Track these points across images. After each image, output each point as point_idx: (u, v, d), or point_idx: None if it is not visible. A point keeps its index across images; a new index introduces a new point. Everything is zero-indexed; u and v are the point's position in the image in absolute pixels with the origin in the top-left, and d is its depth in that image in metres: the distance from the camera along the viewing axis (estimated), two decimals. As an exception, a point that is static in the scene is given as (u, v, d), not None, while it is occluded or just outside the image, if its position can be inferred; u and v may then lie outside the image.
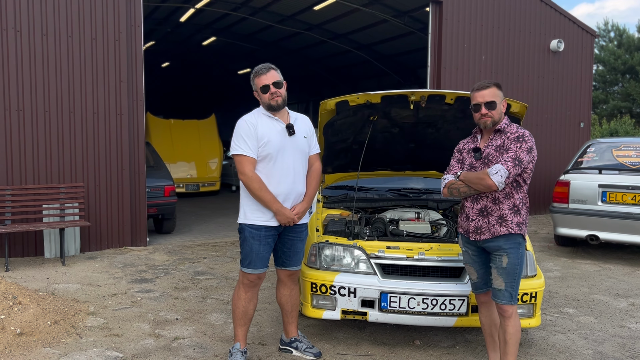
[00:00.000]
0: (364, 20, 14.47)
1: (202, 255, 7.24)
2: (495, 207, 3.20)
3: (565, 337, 4.33)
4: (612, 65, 28.14)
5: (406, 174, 5.30)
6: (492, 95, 3.22)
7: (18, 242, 6.94)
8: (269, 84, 3.51)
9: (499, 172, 3.09)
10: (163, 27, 16.98)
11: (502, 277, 3.19)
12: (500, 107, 3.25)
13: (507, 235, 3.18)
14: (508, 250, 3.18)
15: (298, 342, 3.86)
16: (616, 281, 6.10)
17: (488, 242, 3.25)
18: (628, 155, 7.14)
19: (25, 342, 3.94)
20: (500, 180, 3.09)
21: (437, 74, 10.16)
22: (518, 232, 3.18)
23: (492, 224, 3.21)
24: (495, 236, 3.20)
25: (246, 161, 3.49)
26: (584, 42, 11.92)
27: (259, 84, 3.54)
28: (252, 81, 3.61)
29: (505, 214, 3.18)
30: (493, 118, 3.22)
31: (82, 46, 7.16)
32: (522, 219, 3.21)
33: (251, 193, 3.51)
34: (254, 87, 3.60)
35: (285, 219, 3.52)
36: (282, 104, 3.56)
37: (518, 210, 3.20)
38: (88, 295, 5.26)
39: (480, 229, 3.25)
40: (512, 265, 3.18)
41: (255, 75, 3.57)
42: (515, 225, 3.18)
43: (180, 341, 4.14)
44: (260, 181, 3.48)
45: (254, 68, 3.63)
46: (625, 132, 23.58)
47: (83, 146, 7.22)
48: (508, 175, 3.09)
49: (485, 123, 3.24)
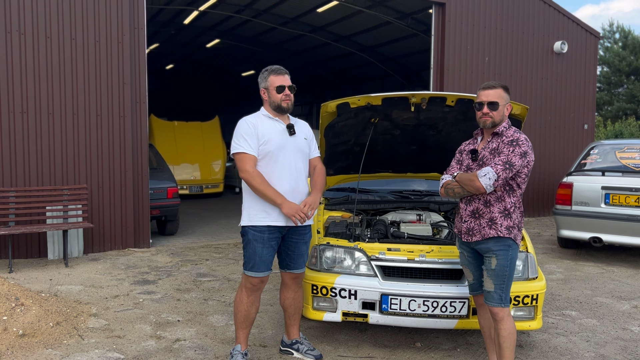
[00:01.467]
0: (367, 22, 14.49)
1: (205, 256, 7.25)
2: (487, 210, 3.21)
3: (567, 340, 4.32)
4: (617, 66, 28.04)
5: (408, 176, 5.30)
6: (497, 96, 3.22)
7: (22, 243, 6.97)
8: (285, 85, 3.53)
9: (487, 174, 3.10)
10: (167, 29, 17.06)
11: (491, 278, 3.20)
12: (503, 109, 3.25)
13: (496, 237, 3.19)
14: (497, 252, 3.18)
15: (299, 344, 3.87)
16: (619, 284, 6.07)
17: (479, 244, 3.26)
18: (631, 157, 7.11)
19: (27, 343, 3.96)
20: (488, 183, 3.10)
21: (440, 75, 10.16)
22: (507, 235, 3.18)
23: (482, 226, 3.22)
24: (485, 238, 3.21)
25: (247, 158, 3.49)
26: (587, 43, 11.89)
27: (275, 82, 3.54)
28: (264, 78, 3.58)
29: (496, 217, 3.19)
30: (493, 119, 3.23)
31: (85, 49, 7.19)
32: (514, 223, 3.21)
33: (254, 189, 3.49)
34: (266, 84, 3.57)
35: (292, 211, 3.44)
36: (291, 108, 3.59)
37: (509, 214, 3.20)
38: (90, 297, 5.28)
39: (472, 231, 3.27)
40: (501, 267, 3.18)
41: (272, 73, 3.56)
42: (504, 228, 3.18)
43: (182, 343, 4.15)
44: (261, 176, 3.47)
45: (268, 66, 3.61)
46: (631, 133, 23.49)
47: (86, 148, 7.26)
48: (497, 179, 3.09)
49: (484, 122, 3.26)
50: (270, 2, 13.59)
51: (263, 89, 3.61)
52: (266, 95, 3.60)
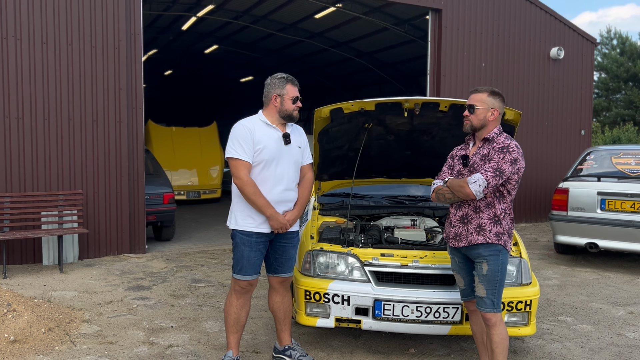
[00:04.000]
0: (364, 28, 14.52)
1: (200, 262, 7.23)
2: (476, 216, 3.21)
3: (562, 346, 4.30)
4: (614, 72, 28.11)
5: (402, 181, 5.29)
6: (477, 99, 3.24)
7: (16, 249, 6.95)
8: (299, 97, 3.59)
9: (477, 181, 3.10)
10: (165, 35, 17.08)
11: (483, 284, 3.20)
12: (484, 114, 3.23)
13: (485, 244, 3.18)
14: (488, 257, 3.18)
15: (292, 350, 3.85)
16: (615, 289, 6.06)
17: (468, 249, 3.25)
18: (627, 162, 7.11)
19: (18, 350, 3.94)
20: (478, 190, 3.10)
21: (436, 81, 10.17)
22: (496, 242, 3.17)
23: (470, 232, 3.22)
24: (471, 244, 3.20)
25: (241, 165, 3.49)
26: (584, 50, 11.92)
27: (292, 92, 3.56)
28: (280, 86, 3.55)
29: (484, 223, 3.18)
30: (471, 122, 3.24)
31: (81, 54, 7.20)
32: (503, 230, 3.20)
33: (245, 197, 3.51)
34: (282, 91, 3.54)
35: (278, 224, 3.53)
36: (297, 118, 3.63)
37: (499, 220, 3.19)
38: (84, 303, 5.26)
39: (459, 236, 3.27)
40: (492, 272, 3.17)
41: (289, 82, 3.56)
42: (493, 235, 3.17)
43: (174, 349, 4.12)
44: (254, 185, 3.49)
45: (283, 73, 3.62)
46: (628, 139, 23.51)
47: (82, 153, 7.25)
48: (487, 185, 3.09)
49: (464, 126, 3.28)
50: (268, 8, 13.62)
51: (276, 94, 3.56)
52: (278, 102, 3.57)
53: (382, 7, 12.61)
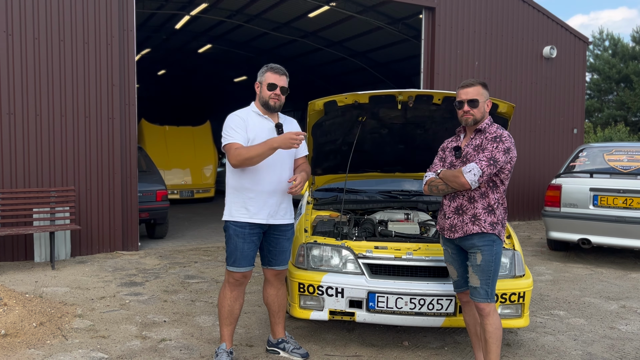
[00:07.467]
0: (358, 27, 14.53)
1: (194, 259, 7.20)
2: (470, 206, 3.22)
3: (555, 339, 4.31)
4: (606, 74, 28.27)
5: (396, 176, 5.30)
6: (476, 93, 3.24)
7: (8, 246, 6.89)
8: (277, 85, 3.53)
9: (472, 170, 3.11)
10: (159, 34, 17.02)
11: (477, 274, 3.20)
12: (483, 106, 3.26)
13: (480, 233, 3.18)
14: (482, 247, 3.19)
15: (285, 343, 3.83)
16: (608, 284, 6.08)
17: (462, 240, 3.26)
18: (619, 159, 7.15)
19: (9, 343, 3.90)
20: (474, 179, 3.10)
21: (430, 80, 10.20)
22: (491, 231, 3.18)
23: (465, 222, 3.22)
24: (467, 234, 3.21)
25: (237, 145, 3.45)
26: (576, 48, 11.99)
27: (269, 79, 3.53)
28: (262, 73, 3.58)
29: (479, 213, 3.19)
30: (474, 116, 3.24)
31: (74, 50, 7.16)
32: (497, 219, 3.21)
33: (248, 160, 3.36)
34: (261, 79, 3.57)
35: (284, 141, 3.33)
36: (278, 108, 3.59)
37: (492, 210, 3.20)
38: (76, 298, 5.22)
39: (454, 227, 3.27)
40: (487, 262, 3.18)
41: (270, 70, 3.56)
42: (488, 224, 3.18)
43: (167, 343, 4.10)
44: (245, 147, 3.40)
45: (270, 64, 3.62)
46: (620, 140, 23.65)
47: (74, 150, 7.20)
48: (481, 174, 3.10)
49: (466, 120, 3.28)
50: (262, 6, 13.60)
51: (257, 82, 3.61)
52: (258, 89, 3.60)
53: (375, 5, 12.63)
